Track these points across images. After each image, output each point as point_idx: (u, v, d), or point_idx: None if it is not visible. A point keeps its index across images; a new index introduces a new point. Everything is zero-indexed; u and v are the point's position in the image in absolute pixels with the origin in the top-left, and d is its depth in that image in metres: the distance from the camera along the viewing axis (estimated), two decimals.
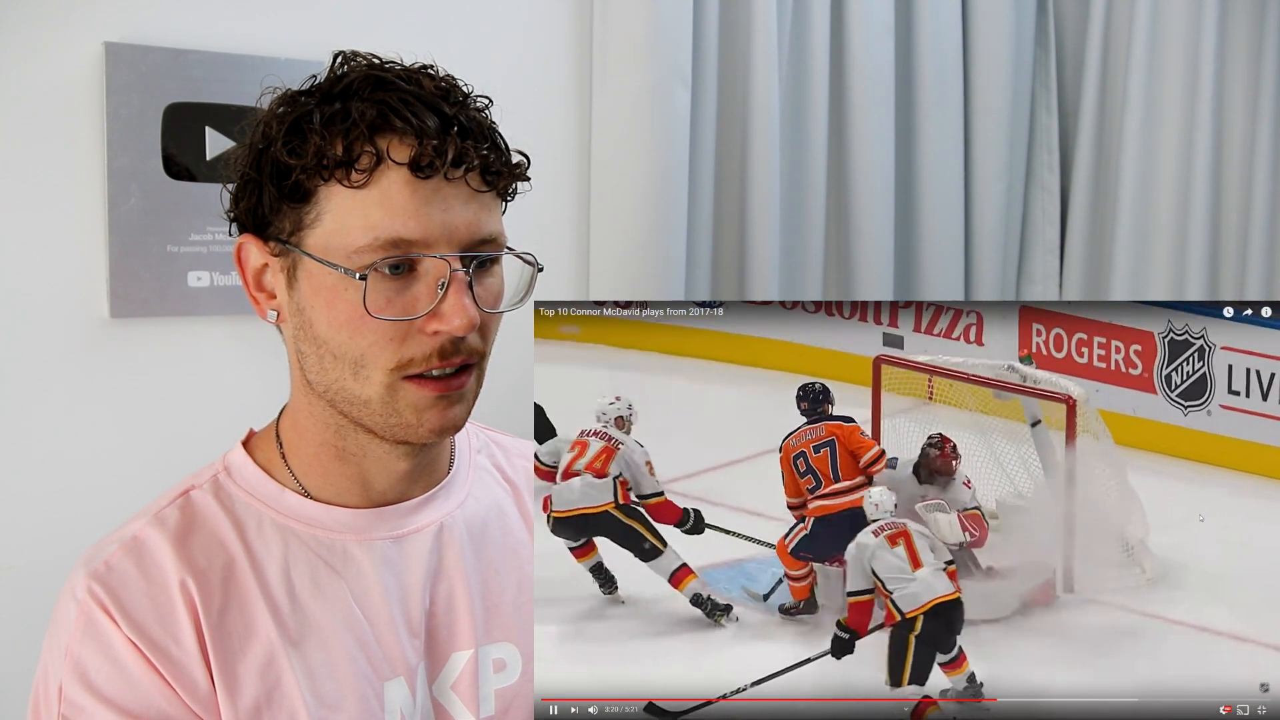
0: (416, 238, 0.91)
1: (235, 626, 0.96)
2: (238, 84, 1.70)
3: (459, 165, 0.92)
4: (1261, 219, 2.42)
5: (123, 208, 1.65)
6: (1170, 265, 2.51)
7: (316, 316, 0.94)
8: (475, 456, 1.14)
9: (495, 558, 1.10)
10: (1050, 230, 2.65)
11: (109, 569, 0.95)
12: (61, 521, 1.60)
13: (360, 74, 0.94)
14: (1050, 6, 2.60)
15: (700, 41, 2.11)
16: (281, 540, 1.00)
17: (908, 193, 2.45)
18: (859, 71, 2.31)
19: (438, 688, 1.05)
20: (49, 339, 1.63)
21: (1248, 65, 2.46)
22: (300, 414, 1.02)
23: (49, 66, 1.60)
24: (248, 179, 0.96)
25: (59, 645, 0.94)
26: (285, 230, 0.94)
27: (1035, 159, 2.64)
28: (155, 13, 1.66)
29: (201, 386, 1.72)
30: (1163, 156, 2.51)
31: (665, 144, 2.05)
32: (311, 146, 0.91)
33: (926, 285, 2.47)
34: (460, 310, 0.92)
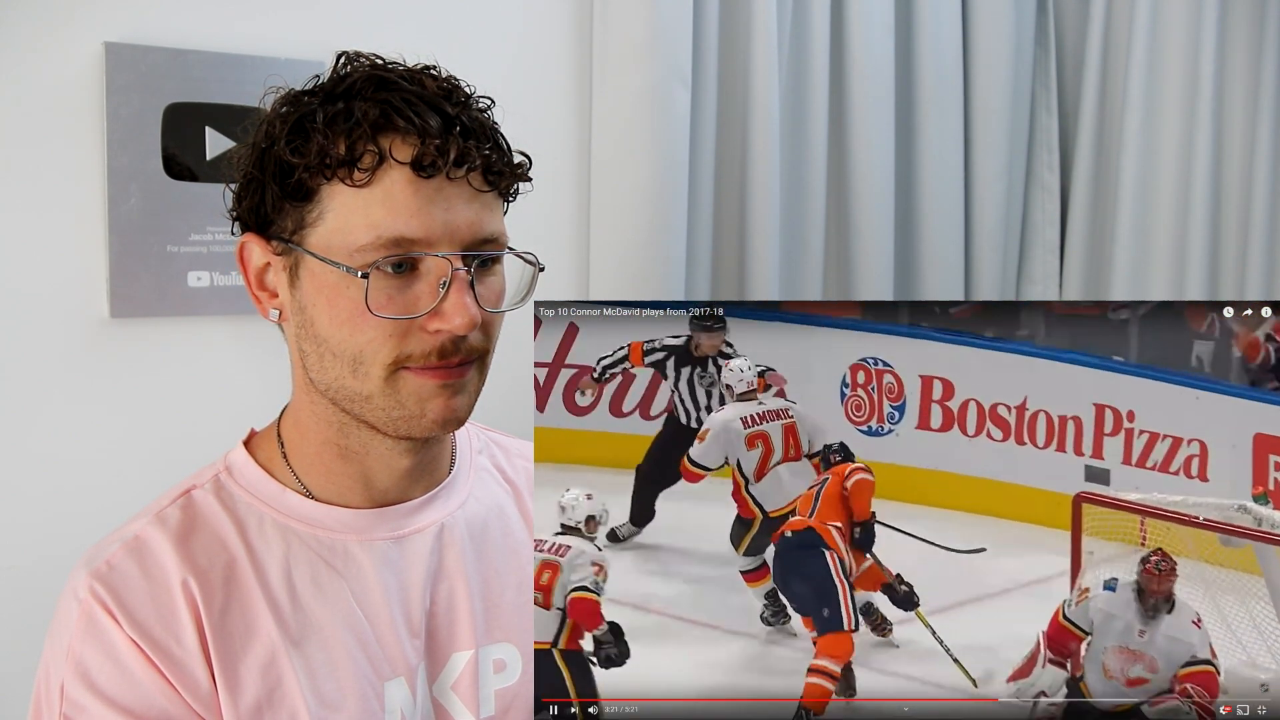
0: (419, 237, 0.91)
1: (236, 626, 0.96)
2: (238, 84, 1.70)
3: (461, 165, 0.92)
4: (1261, 219, 2.42)
5: (123, 208, 1.65)
6: (1170, 265, 2.51)
7: (318, 315, 0.94)
8: (476, 457, 1.14)
9: (496, 558, 1.10)
10: (1050, 230, 2.66)
11: (110, 568, 0.95)
12: (62, 521, 1.60)
13: (363, 74, 0.94)
14: (1050, 6, 2.60)
15: (700, 41, 2.11)
16: (283, 540, 1.00)
17: (908, 193, 2.45)
18: (859, 71, 2.31)
19: (438, 688, 1.05)
20: (49, 339, 1.63)
21: (1248, 65, 2.46)
22: (302, 413, 1.02)
23: (49, 66, 1.60)
24: (250, 178, 0.96)
25: (60, 645, 0.94)
26: (288, 229, 0.94)
27: (1035, 159, 2.64)
28: (155, 13, 1.66)
29: (201, 386, 1.72)
30: (1163, 156, 2.51)
31: (665, 144, 2.05)
32: (314, 145, 0.91)
33: (926, 285, 2.47)
34: (462, 309, 0.92)
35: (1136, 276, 2.51)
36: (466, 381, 0.97)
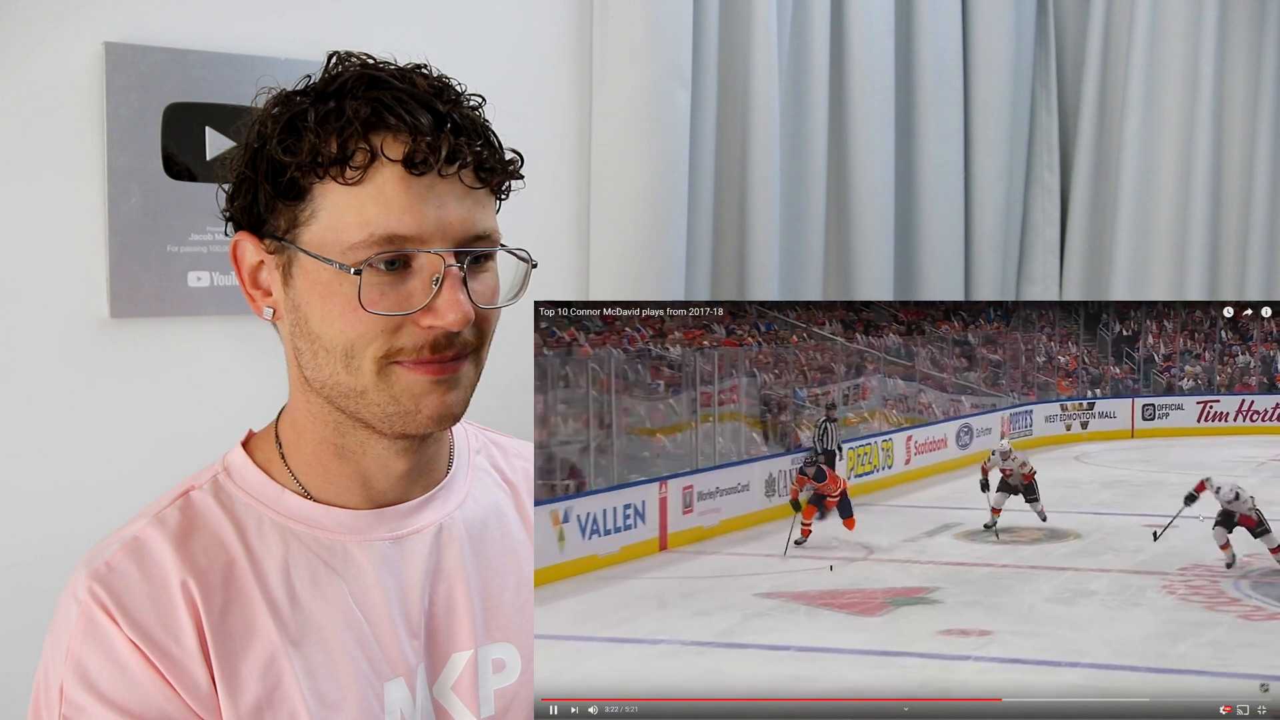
0: (411, 234, 0.91)
1: (236, 627, 0.96)
2: (238, 84, 1.70)
3: (453, 162, 0.92)
4: (1261, 219, 2.42)
5: (123, 208, 1.65)
6: (1170, 265, 2.51)
7: (311, 312, 0.95)
8: (474, 457, 1.15)
9: (494, 558, 1.10)
10: (1050, 230, 2.66)
11: (110, 570, 0.95)
12: (61, 521, 1.60)
13: (354, 73, 0.94)
14: (1050, 6, 2.60)
15: (700, 41, 2.11)
16: (281, 541, 1.00)
17: (908, 193, 2.45)
18: (859, 71, 2.31)
19: (438, 688, 1.05)
20: (49, 339, 1.63)
21: (1248, 65, 2.46)
22: (299, 413, 1.02)
23: (49, 66, 1.60)
24: (243, 178, 0.96)
25: (60, 645, 0.94)
26: (281, 228, 0.95)
27: (1035, 159, 2.64)
28: (155, 13, 1.66)
29: (201, 386, 1.72)
30: (1163, 156, 2.51)
31: (665, 144, 2.05)
32: (306, 145, 0.91)
33: (927, 285, 2.47)
34: (455, 305, 0.92)
35: (1136, 276, 2.52)
36: (460, 376, 0.97)
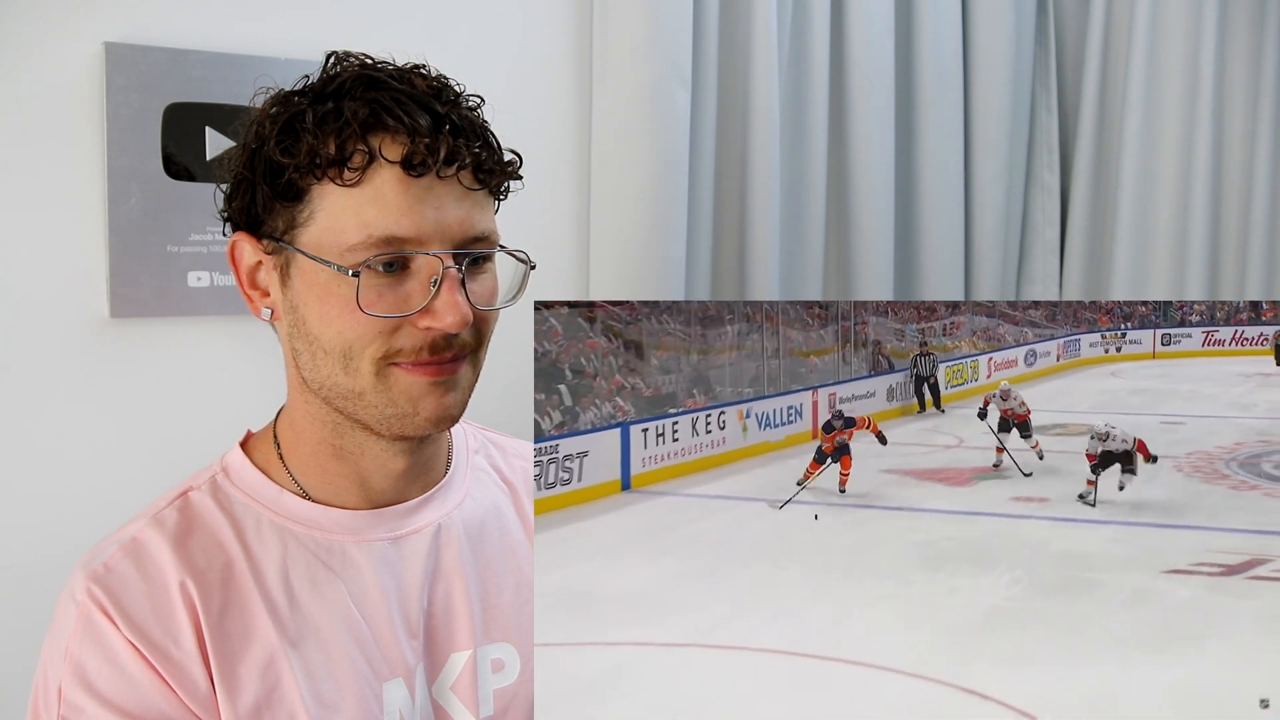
0: (409, 235, 0.91)
1: (235, 627, 0.96)
2: (238, 84, 1.70)
3: (451, 163, 0.92)
4: (1261, 219, 2.42)
5: (123, 208, 1.65)
6: (1170, 265, 2.51)
7: (309, 313, 0.94)
8: (473, 457, 1.14)
9: (493, 558, 1.10)
10: (1050, 230, 2.65)
11: (108, 570, 0.95)
12: (61, 521, 1.60)
13: (353, 74, 0.94)
14: (1050, 6, 2.60)
15: (700, 41, 2.11)
16: (280, 541, 1.00)
17: (908, 193, 2.45)
18: (859, 71, 2.31)
19: (437, 689, 1.05)
20: (49, 339, 1.63)
21: (1248, 65, 2.45)
22: (297, 414, 1.02)
23: (49, 66, 1.60)
24: (241, 178, 0.96)
25: (59, 646, 0.94)
26: (279, 228, 0.94)
27: (1035, 159, 2.64)
28: (155, 13, 1.66)
29: (201, 386, 1.72)
30: (1163, 156, 2.51)
31: (665, 144, 2.05)
32: (304, 145, 0.91)
33: (926, 285, 2.47)
34: (453, 307, 0.92)
35: (1136, 276, 2.51)
36: (459, 378, 0.97)
